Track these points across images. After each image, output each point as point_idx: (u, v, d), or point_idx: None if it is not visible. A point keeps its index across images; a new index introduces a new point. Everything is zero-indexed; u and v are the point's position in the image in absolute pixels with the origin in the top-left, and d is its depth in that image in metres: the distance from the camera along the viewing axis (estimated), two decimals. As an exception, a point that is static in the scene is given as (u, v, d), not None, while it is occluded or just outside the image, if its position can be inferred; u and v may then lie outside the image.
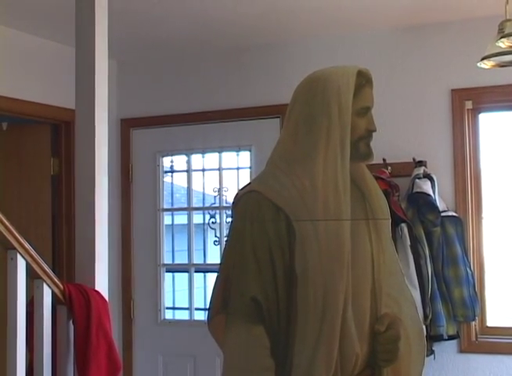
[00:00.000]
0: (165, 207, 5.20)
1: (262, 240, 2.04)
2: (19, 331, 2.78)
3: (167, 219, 5.20)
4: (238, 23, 4.44)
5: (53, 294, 2.98)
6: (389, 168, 4.30)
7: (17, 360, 2.76)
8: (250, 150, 4.92)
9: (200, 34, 4.67)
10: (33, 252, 2.86)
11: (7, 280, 2.79)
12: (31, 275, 2.90)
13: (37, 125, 4.85)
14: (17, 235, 2.78)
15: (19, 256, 2.80)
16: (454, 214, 4.28)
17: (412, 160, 4.34)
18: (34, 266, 2.87)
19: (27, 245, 2.82)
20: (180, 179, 5.26)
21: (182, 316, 5.21)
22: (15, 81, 4.42)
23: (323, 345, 2.01)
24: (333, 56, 4.60)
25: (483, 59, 3.29)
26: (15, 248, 2.78)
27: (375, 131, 2.19)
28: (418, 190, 4.17)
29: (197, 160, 5.13)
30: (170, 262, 5.21)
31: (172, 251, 5.23)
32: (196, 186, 5.15)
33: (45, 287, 2.94)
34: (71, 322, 3.03)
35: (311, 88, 2.17)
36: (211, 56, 5.02)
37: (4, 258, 2.79)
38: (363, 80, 2.16)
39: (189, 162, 5.15)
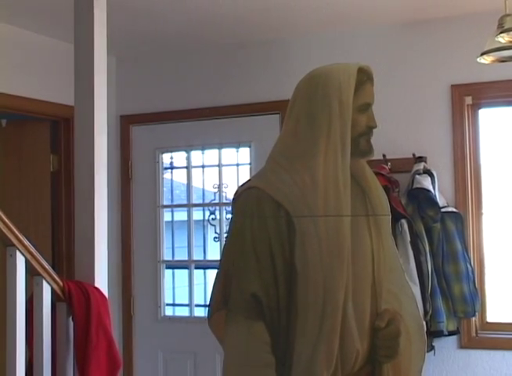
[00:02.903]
0: (165, 203, 5.20)
1: (262, 236, 2.03)
2: (19, 328, 2.78)
3: (166, 216, 5.20)
4: (238, 19, 4.44)
5: (53, 291, 2.98)
6: (389, 163, 4.30)
7: (17, 357, 2.76)
8: (249, 147, 4.91)
9: (200, 30, 4.66)
10: (32, 249, 2.86)
11: (6, 277, 2.79)
12: (31, 272, 2.90)
13: (36, 122, 4.84)
14: (16, 232, 2.78)
15: (18, 253, 2.79)
16: (454, 210, 4.28)
17: (412, 156, 4.34)
18: (34, 263, 2.87)
19: (26, 242, 2.82)
20: (180, 176, 5.26)
21: (182, 312, 5.20)
22: (14, 77, 4.41)
23: (324, 342, 2.00)
24: (333, 52, 4.60)
25: (483, 54, 3.28)
26: (14, 245, 2.78)
27: (375, 127, 2.19)
28: (418, 186, 4.17)
29: (197, 156, 5.13)
30: (170, 258, 5.21)
31: (172, 247, 5.23)
32: (196, 183, 5.15)
33: (45, 283, 2.94)
34: (71, 319, 3.03)
35: (312, 84, 2.17)
36: (211, 51, 5.02)
37: (3, 254, 2.79)
38: (364, 76, 2.16)
39: (188, 158, 5.14)
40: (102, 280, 3.21)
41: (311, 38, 4.75)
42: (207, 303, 2.22)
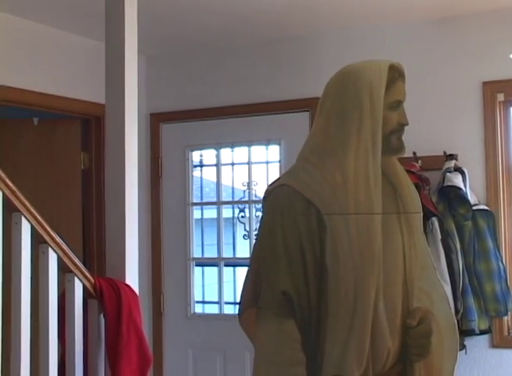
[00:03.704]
0: (195, 201, 5.21)
1: (293, 234, 2.03)
2: (51, 325, 2.81)
3: (196, 213, 5.21)
4: (267, 16, 4.43)
5: (84, 287, 3.00)
6: (419, 161, 4.27)
7: (49, 353, 2.79)
8: (279, 144, 4.91)
9: (229, 27, 4.66)
10: (64, 246, 2.88)
11: (39, 273, 2.82)
12: (63, 269, 2.92)
13: (67, 120, 4.88)
14: (49, 229, 2.80)
15: (50, 250, 2.82)
16: (485, 207, 4.24)
17: (442, 154, 4.30)
18: (66, 260, 2.90)
19: (58, 239, 2.85)
20: (209, 173, 5.27)
21: (212, 310, 5.22)
22: (46, 76, 4.45)
23: (354, 340, 2.00)
24: (363, 49, 4.57)
25: (515, 50, 3.25)
26: (46, 242, 2.80)
27: (407, 124, 2.18)
28: (449, 184, 4.14)
29: (226, 154, 5.13)
30: (199, 256, 5.22)
31: (202, 245, 5.24)
32: (226, 180, 5.15)
33: (77, 280, 2.96)
34: (102, 316, 3.05)
35: (343, 82, 2.17)
36: (240, 49, 5.02)
37: (36, 252, 2.81)
38: (395, 74, 2.15)
39: (218, 156, 5.14)
40: (132, 277, 3.23)
41: (341, 35, 4.73)
42: (237, 301, 2.24)
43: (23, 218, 2.70)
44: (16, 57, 4.26)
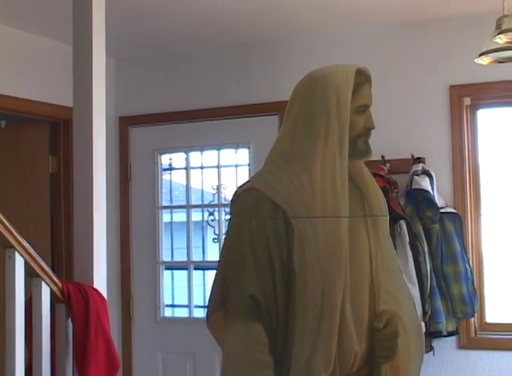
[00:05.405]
0: (164, 204, 5.20)
1: (260, 238, 2.04)
2: (18, 330, 2.79)
3: (166, 217, 5.20)
4: (236, 20, 4.44)
5: (52, 292, 2.98)
6: (387, 164, 4.30)
7: (16, 359, 2.76)
8: (248, 148, 4.92)
9: (199, 31, 4.66)
10: (31, 250, 2.86)
11: (5, 279, 2.79)
12: (30, 273, 2.90)
13: (35, 123, 4.84)
14: (15, 233, 2.78)
15: (17, 254, 2.80)
16: (453, 210, 4.28)
17: (410, 157, 4.34)
18: (33, 265, 2.88)
19: (25, 243, 2.82)
20: (179, 177, 5.26)
21: (182, 313, 5.21)
22: (13, 79, 4.41)
23: (322, 343, 2.01)
24: (331, 53, 4.60)
25: (481, 55, 3.29)
26: (13, 247, 2.78)
27: (373, 128, 2.20)
28: (417, 187, 4.17)
29: (196, 157, 5.13)
30: (169, 259, 5.21)
31: (171, 248, 5.23)
32: (195, 184, 5.15)
33: (44, 285, 2.94)
34: (70, 320, 3.03)
35: (311, 86, 2.17)
36: (210, 52, 5.02)
37: (2, 256, 2.79)
38: (362, 78, 2.16)
39: (187, 160, 5.14)
40: (100, 281, 3.21)
41: (310, 39, 4.75)
42: (207, 304, 2.22)
43: (-11, 223, 2.68)
44: (-18, 60, 4.23)
